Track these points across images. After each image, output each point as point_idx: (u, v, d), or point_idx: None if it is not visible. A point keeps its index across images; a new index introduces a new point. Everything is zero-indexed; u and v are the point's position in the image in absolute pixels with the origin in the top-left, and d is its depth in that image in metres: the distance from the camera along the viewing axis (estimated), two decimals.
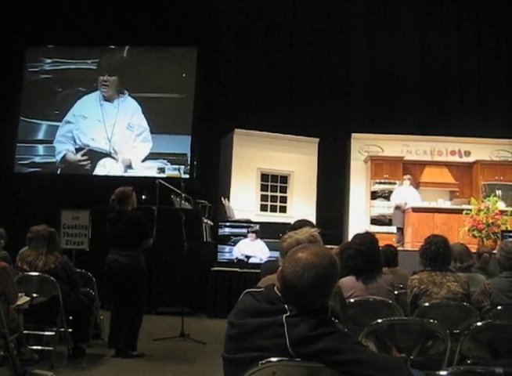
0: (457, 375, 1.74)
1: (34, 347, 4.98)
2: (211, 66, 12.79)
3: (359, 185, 12.67)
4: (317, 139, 12.45)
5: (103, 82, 12.95)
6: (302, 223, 3.48)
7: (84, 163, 12.66)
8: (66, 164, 12.77)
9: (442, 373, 1.77)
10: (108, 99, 12.96)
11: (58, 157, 12.79)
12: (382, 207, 12.29)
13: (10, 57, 12.83)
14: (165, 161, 12.57)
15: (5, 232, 5.64)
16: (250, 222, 9.56)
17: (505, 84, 12.59)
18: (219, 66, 12.84)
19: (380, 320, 3.08)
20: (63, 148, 12.80)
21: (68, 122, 12.91)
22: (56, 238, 5.23)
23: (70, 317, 5.18)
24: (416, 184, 12.00)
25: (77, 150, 12.74)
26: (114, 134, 12.72)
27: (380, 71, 12.77)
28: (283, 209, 12.38)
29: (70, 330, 5.18)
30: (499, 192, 11.33)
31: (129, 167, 12.60)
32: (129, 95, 12.89)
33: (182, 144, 12.59)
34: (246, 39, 12.87)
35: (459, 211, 10.07)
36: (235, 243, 8.98)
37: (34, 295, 4.82)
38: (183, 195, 8.97)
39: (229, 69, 12.88)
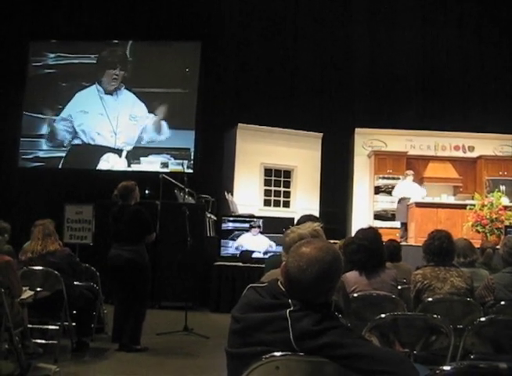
0: (460, 370, 1.73)
1: (38, 341, 5.00)
2: (214, 60, 12.76)
3: (363, 180, 12.66)
4: (320, 134, 12.44)
5: (114, 76, 12.94)
6: (307, 218, 3.49)
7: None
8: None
9: (445, 368, 1.76)
10: (108, 92, 12.96)
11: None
12: (385, 203, 12.28)
13: (14, 52, 12.83)
14: (168, 156, 12.58)
15: (9, 226, 5.66)
16: (254, 216, 9.56)
17: (508, 79, 12.53)
18: (222, 61, 12.81)
19: (383, 315, 3.08)
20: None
21: (65, 119, 12.90)
22: (50, 225, 5.27)
23: (74, 311, 5.20)
24: (420, 179, 11.98)
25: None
26: (119, 126, 12.73)
27: (383, 66, 12.72)
28: (287, 204, 12.39)
29: (73, 324, 5.20)
30: (502, 187, 11.29)
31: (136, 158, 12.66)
32: (125, 87, 12.90)
33: (185, 139, 12.59)
34: (249, 34, 12.83)
35: (463, 207, 10.05)
36: (238, 237, 8.99)
37: (38, 289, 4.84)
38: (187, 190, 8.99)
39: (232, 64, 12.84)
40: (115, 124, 12.72)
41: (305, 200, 12.11)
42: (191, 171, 12.10)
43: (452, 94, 12.61)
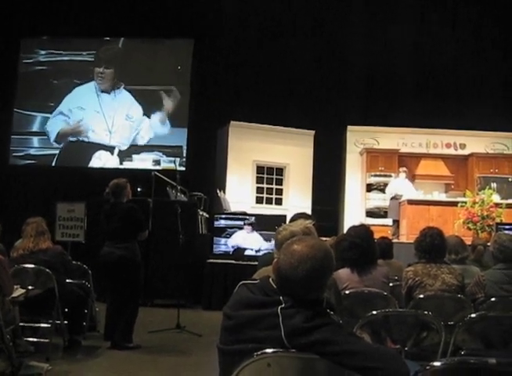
0: (451, 366, 1.75)
1: (30, 339, 4.98)
2: (207, 58, 12.73)
3: (355, 177, 12.70)
4: (313, 132, 12.45)
5: (99, 74, 12.90)
6: (299, 216, 3.49)
7: (81, 129, 12.69)
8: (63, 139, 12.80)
9: (436, 364, 1.78)
10: (105, 90, 12.92)
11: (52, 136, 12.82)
12: (377, 200, 12.32)
13: (5, 48, 12.74)
14: (160, 154, 12.56)
15: (0, 224, 5.63)
16: (246, 214, 9.56)
17: (501, 77, 12.59)
18: (215, 59, 12.78)
19: (375, 312, 3.09)
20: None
21: (62, 113, 12.85)
22: (42, 224, 5.26)
23: (66, 309, 5.19)
24: (412, 176, 12.02)
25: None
26: (114, 125, 12.69)
27: (376, 64, 12.74)
28: (279, 201, 12.40)
29: (65, 322, 5.18)
30: (494, 184, 11.35)
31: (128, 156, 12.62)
32: (124, 87, 12.85)
33: (177, 136, 12.57)
34: (242, 32, 12.80)
35: (455, 204, 10.09)
36: (230, 235, 8.98)
37: (30, 287, 4.82)
38: (179, 187, 8.96)
39: (225, 61, 12.82)
40: (111, 123, 12.67)
41: (297, 198, 12.13)
42: (183, 168, 12.09)
43: (444, 92, 12.65)
